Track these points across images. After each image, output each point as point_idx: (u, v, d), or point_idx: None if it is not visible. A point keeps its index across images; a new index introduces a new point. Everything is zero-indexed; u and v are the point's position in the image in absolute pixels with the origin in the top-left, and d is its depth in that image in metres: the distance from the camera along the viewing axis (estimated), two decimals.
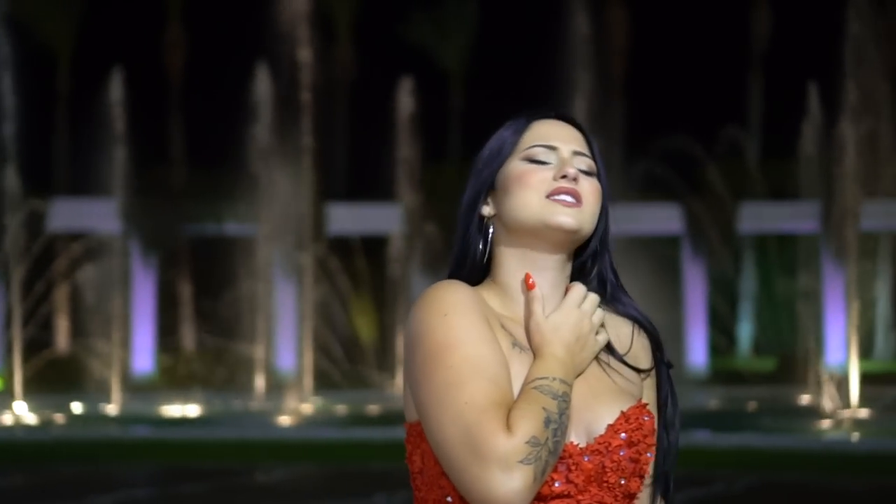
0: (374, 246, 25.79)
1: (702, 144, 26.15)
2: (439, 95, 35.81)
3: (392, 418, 19.20)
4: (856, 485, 12.03)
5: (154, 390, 23.07)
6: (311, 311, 22.44)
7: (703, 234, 26.36)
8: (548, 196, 2.06)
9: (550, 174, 2.08)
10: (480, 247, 2.12)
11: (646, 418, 2.03)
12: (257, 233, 23.00)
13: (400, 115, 24.73)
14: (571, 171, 2.06)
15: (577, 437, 1.98)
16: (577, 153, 2.11)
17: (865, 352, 26.54)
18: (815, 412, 19.25)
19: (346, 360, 24.13)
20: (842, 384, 20.31)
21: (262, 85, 22.63)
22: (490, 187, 2.13)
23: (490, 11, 37.36)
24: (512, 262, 2.10)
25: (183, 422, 18.99)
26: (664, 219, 26.85)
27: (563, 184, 2.06)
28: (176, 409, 20.31)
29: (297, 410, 19.54)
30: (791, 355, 24.21)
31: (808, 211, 24.24)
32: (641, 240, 27.20)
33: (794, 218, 25.76)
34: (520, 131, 2.13)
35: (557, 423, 1.91)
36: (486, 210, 2.13)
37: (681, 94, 34.66)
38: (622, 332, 2.16)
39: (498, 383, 1.92)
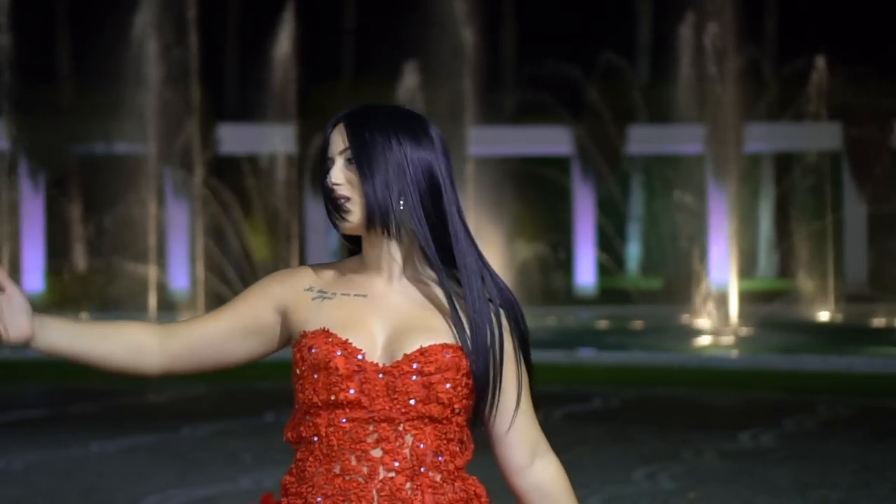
0: (265, 166, 25.76)
1: (588, 68, 26.44)
2: (331, 13, 35.62)
3: None
4: (725, 398, 12.52)
5: (44, 311, 22.91)
6: (201, 230, 22.44)
7: (591, 157, 26.74)
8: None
9: None
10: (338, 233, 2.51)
11: (447, 356, 2.33)
12: (146, 152, 22.87)
13: (290, 33, 24.64)
14: (328, 182, 2.40)
15: (379, 359, 2.35)
16: (341, 152, 2.40)
17: (749, 271, 27.24)
18: (697, 330, 19.82)
19: (239, 280, 24.20)
20: (723, 302, 20.91)
21: (152, 3, 22.39)
22: None
23: None
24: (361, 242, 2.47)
25: None
26: (554, 141, 27.17)
27: (332, 195, 2.40)
28: None
29: None
30: (677, 275, 24.72)
31: (693, 133, 24.70)
32: (531, 161, 27.53)
33: (679, 140, 26.23)
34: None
35: None
36: None
37: (570, 18, 34.86)
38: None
39: (201, 317, 2.54)
